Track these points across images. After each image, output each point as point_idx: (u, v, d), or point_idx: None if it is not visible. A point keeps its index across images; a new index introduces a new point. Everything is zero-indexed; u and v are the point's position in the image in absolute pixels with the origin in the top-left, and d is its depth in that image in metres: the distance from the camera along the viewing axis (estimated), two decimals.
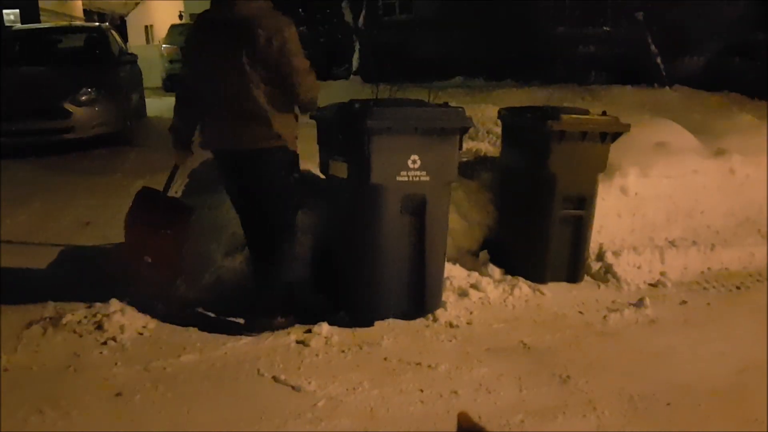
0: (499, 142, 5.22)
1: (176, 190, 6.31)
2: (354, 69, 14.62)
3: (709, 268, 4.56)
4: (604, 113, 4.31)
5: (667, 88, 9.88)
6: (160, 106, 11.17)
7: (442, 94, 8.67)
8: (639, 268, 4.41)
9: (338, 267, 3.91)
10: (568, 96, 8.84)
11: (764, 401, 2.91)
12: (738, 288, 4.32)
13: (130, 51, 11.06)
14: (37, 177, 7.30)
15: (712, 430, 2.72)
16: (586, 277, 4.38)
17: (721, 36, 9.98)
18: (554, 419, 2.79)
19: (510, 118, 4.61)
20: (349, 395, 2.97)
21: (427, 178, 3.61)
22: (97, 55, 9.55)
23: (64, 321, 3.60)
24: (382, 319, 3.68)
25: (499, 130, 5.36)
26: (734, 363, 3.30)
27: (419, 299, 3.73)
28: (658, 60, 10.42)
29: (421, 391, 3.01)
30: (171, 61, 15.38)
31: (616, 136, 4.21)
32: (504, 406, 2.86)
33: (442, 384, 3.06)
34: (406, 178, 3.57)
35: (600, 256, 4.47)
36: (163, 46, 16.04)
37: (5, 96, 8.01)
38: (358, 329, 3.59)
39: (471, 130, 4.67)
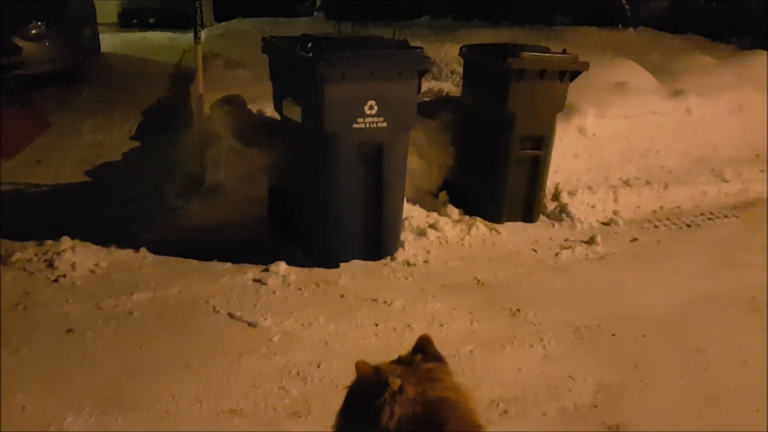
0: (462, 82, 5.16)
1: (129, 129, 6.18)
2: (317, 5, 14.20)
3: (661, 207, 4.67)
4: (564, 51, 4.27)
5: (632, 29, 9.87)
6: (114, 42, 10.71)
7: (407, 33, 8.52)
8: (593, 207, 4.48)
9: (295, 208, 3.88)
10: (534, 36, 8.74)
11: (706, 332, 3.04)
12: (689, 226, 4.44)
13: None
14: None
15: (654, 358, 2.83)
16: (542, 217, 4.44)
17: None
18: (502, 349, 2.87)
19: (471, 55, 4.54)
20: (304, 330, 2.99)
21: (385, 125, 3.47)
22: None
23: (13, 259, 3.53)
24: (342, 261, 3.68)
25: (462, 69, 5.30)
26: (680, 296, 3.42)
27: (377, 243, 3.71)
28: (624, 1, 10.37)
29: (376, 325, 3.06)
30: None
31: (574, 74, 4.19)
32: (455, 338, 2.93)
33: (397, 318, 3.11)
34: (362, 125, 3.43)
35: (556, 196, 4.52)
36: None
37: None
38: (315, 268, 3.60)
39: (434, 69, 4.58)
